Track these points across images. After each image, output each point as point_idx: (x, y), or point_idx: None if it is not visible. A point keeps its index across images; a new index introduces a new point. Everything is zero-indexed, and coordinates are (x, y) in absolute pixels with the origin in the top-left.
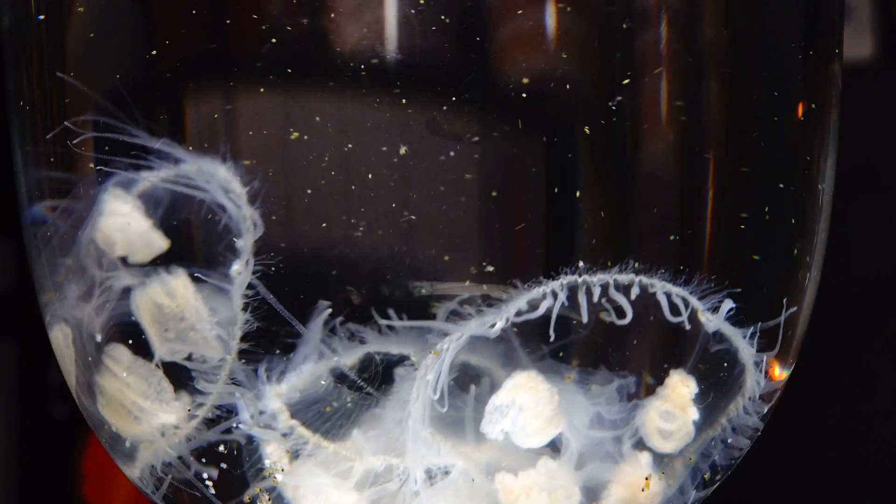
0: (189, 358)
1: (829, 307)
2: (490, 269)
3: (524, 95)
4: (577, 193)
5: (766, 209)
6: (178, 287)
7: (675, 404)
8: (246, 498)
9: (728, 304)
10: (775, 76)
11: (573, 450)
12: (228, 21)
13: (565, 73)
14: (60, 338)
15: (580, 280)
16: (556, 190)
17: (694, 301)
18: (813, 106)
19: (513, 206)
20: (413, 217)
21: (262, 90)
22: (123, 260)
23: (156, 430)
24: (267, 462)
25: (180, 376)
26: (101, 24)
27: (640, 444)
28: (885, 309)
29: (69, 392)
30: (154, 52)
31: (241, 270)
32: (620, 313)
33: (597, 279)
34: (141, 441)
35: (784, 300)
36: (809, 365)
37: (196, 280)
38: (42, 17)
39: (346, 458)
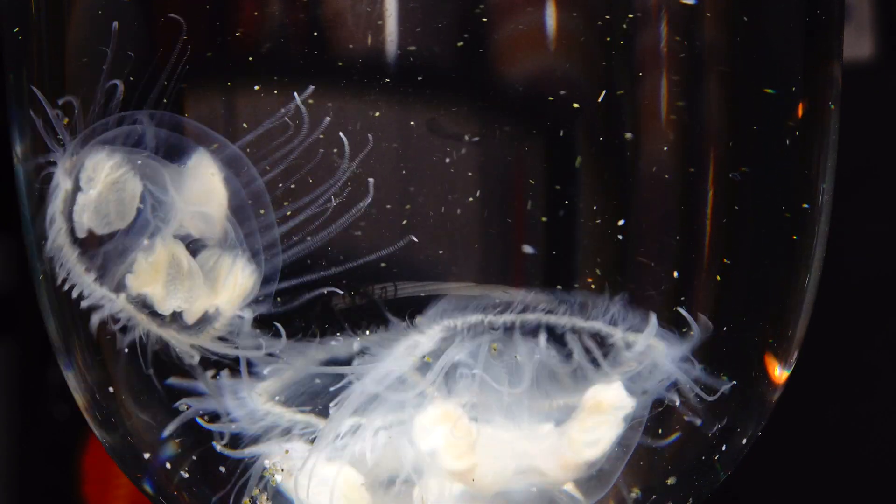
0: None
1: (829, 307)
2: (488, 269)
3: (524, 96)
4: (577, 195)
5: (767, 209)
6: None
7: (592, 413)
8: (245, 500)
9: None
10: (775, 76)
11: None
12: (229, 21)
13: (565, 72)
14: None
15: (485, 321)
16: (555, 190)
17: (608, 330)
18: (813, 106)
19: (512, 206)
20: (412, 216)
21: (258, 89)
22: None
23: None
24: (266, 463)
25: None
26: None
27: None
28: (885, 309)
29: (69, 392)
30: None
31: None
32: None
33: (502, 321)
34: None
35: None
36: (809, 365)
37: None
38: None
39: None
